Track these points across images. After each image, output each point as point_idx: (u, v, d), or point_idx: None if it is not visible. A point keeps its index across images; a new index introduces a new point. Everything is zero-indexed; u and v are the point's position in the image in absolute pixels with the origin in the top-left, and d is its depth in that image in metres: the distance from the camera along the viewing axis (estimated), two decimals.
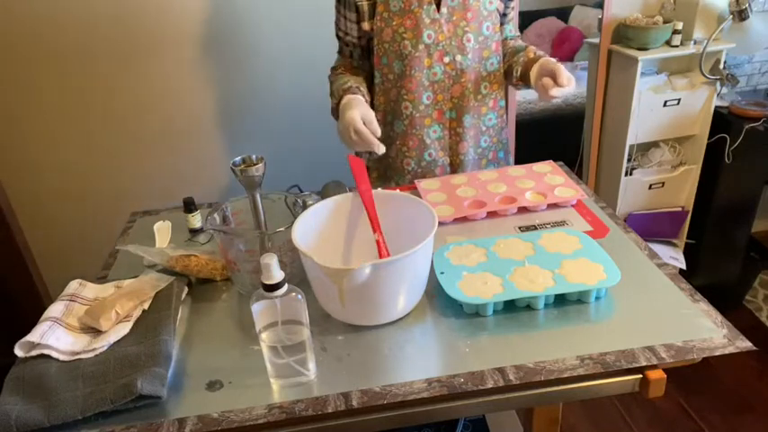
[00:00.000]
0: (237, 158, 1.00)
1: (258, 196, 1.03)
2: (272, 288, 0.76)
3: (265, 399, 0.80)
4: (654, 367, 0.81)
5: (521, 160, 1.41)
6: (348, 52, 1.36)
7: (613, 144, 2.16)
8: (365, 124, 1.12)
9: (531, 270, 0.95)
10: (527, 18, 3.17)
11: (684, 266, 2.23)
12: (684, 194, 2.23)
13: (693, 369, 0.91)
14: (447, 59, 1.28)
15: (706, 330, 0.85)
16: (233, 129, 2.03)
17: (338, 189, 1.19)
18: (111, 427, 0.78)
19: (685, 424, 1.87)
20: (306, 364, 0.82)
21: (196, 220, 1.24)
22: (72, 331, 0.93)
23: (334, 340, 0.90)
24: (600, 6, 2.05)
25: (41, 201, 2.01)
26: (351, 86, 1.25)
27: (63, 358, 0.87)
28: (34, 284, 2.08)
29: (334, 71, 1.37)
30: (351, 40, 1.31)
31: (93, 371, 0.84)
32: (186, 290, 1.03)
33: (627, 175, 2.15)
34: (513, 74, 1.33)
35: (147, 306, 0.98)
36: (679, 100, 2.04)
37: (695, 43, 1.98)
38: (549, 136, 2.46)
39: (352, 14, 1.27)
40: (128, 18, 1.80)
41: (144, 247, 1.09)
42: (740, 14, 1.88)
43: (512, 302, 0.92)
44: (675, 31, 1.94)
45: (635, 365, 0.80)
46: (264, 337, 0.80)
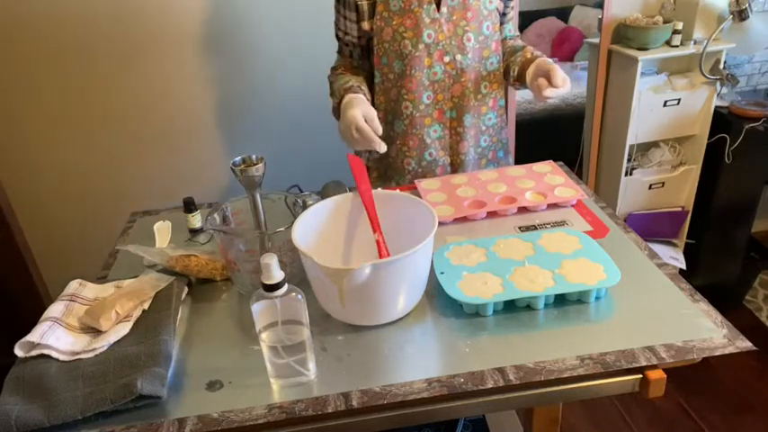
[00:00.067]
0: (237, 158, 1.00)
1: (258, 196, 1.03)
2: (272, 288, 0.76)
3: (265, 399, 0.80)
4: (654, 367, 0.81)
5: (521, 160, 1.41)
6: (348, 52, 1.35)
7: (613, 144, 2.16)
8: (367, 122, 1.13)
9: (531, 270, 0.95)
10: (527, 18, 3.17)
11: (684, 266, 2.23)
12: (684, 194, 2.23)
13: (693, 369, 0.91)
14: (447, 59, 1.28)
15: (706, 330, 0.85)
16: (233, 129, 2.03)
17: (338, 189, 1.19)
18: (111, 427, 0.78)
19: (685, 424, 1.87)
20: (306, 364, 0.82)
21: (196, 220, 1.24)
22: (72, 331, 0.93)
23: (334, 340, 0.90)
24: (600, 6, 2.05)
25: (41, 201, 2.01)
26: (352, 86, 1.25)
27: (63, 358, 0.87)
28: (34, 284, 2.08)
29: (334, 71, 1.37)
30: (351, 39, 1.31)
31: (93, 371, 0.84)
32: (186, 290, 1.03)
33: (627, 175, 2.15)
34: (510, 74, 1.33)
35: (147, 306, 0.98)
36: (679, 100, 2.04)
37: (695, 43, 1.98)
38: (549, 136, 2.46)
39: (351, 14, 1.27)
40: (128, 18, 1.80)
41: (144, 247, 1.09)
42: (740, 14, 1.88)
43: (512, 302, 0.92)
44: (675, 31, 1.94)
45: (635, 365, 0.80)
46: (264, 337, 0.80)
